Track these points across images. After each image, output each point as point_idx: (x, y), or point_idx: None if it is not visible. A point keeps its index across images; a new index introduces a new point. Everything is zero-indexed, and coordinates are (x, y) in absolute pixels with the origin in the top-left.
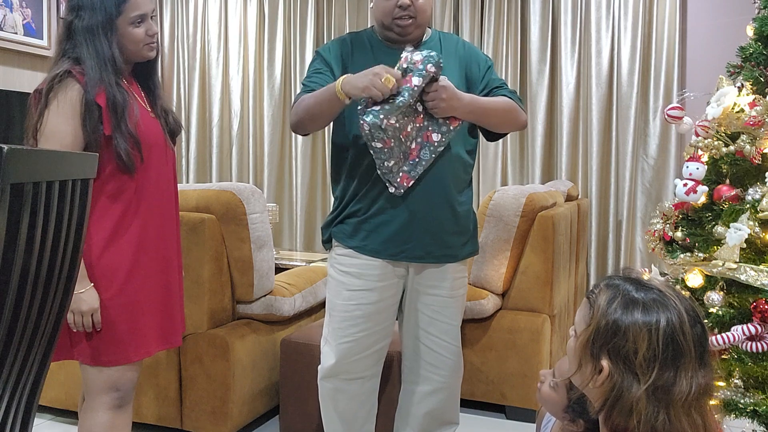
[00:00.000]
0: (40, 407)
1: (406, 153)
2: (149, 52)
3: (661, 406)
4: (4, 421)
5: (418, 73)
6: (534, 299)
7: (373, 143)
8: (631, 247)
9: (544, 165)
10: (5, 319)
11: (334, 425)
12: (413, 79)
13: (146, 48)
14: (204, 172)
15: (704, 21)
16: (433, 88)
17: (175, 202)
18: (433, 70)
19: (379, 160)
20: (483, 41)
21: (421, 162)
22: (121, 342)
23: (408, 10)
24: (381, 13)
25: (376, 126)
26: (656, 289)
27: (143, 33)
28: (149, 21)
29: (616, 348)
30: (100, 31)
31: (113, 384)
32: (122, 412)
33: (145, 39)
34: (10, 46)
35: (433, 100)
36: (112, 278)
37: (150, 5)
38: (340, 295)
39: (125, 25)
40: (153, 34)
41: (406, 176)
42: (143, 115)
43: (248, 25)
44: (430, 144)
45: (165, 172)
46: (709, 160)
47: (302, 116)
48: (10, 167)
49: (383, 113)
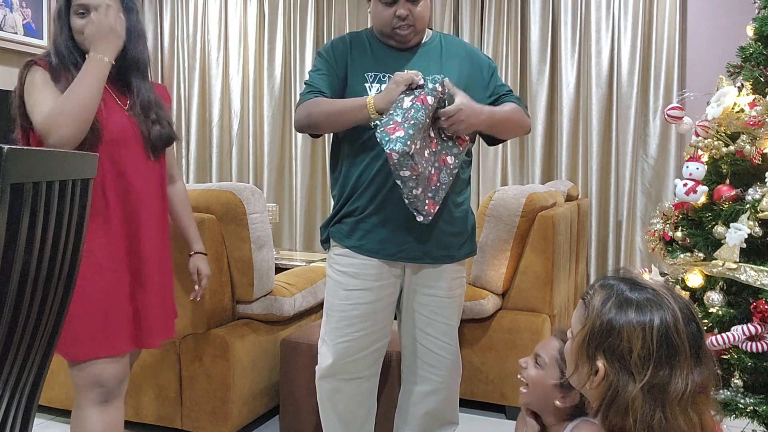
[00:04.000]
0: (40, 407)
1: (428, 179)
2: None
3: (657, 405)
4: (4, 421)
5: (430, 93)
6: (534, 299)
7: (401, 172)
8: (631, 247)
9: (544, 165)
10: (5, 319)
11: (333, 426)
12: (427, 98)
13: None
14: (204, 172)
15: (704, 21)
16: (450, 111)
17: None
18: (440, 88)
19: (407, 189)
20: (483, 41)
21: (441, 186)
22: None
23: (407, 20)
24: (380, 22)
25: (405, 153)
26: (650, 288)
27: (84, 24)
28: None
29: (611, 348)
30: (56, 20)
31: (95, 380)
32: (109, 408)
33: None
34: (10, 46)
35: (452, 123)
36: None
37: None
38: (338, 295)
39: (72, 14)
40: None
41: (431, 202)
42: (112, 108)
43: (248, 25)
44: (446, 167)
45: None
46: (709, 160)
47: (318, 119)
48: (10, 167)
49: (408, 138)
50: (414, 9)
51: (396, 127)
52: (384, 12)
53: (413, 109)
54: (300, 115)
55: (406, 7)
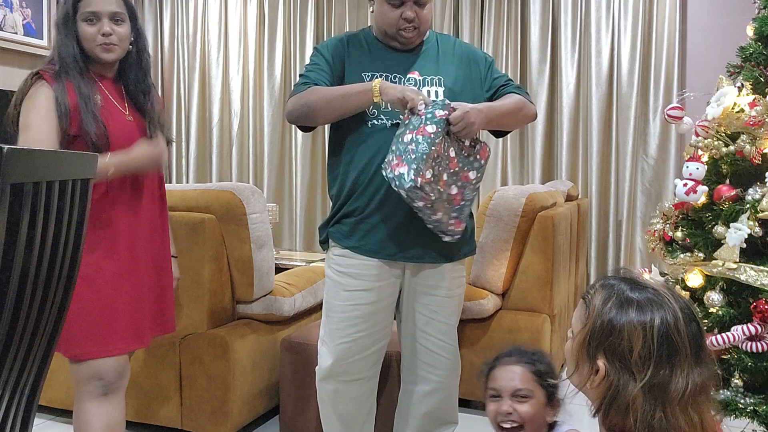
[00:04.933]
0: (40, 407)
1: (450, 200)
2: (103, 53)
3: (658, 404)
4: (4, 421)
5: (430, 121)
6: (534, 299)
7: (415, 204)
8: (631, 247)
9: (544, 165)
10: (5, 319)
11: (333, 426)
12: (427, 128)
13: (99, 48)
14: (204, 172)
15: (704, 21)
16: (458, 117)
17: (161, 206)
18: (442, 113)
19: (425, 216)
20: (483, 41)
21: (466, 204)
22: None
23: (413, 22)
24: (385, 23)
25: (412, 189)
26: (651, 288)
27: (95, 32)
28: (103, 21)
29: (611, 347)
30: (62, 26)
31: (95, 373)
32: (109, 401)
33: (98, 39)
34: (10, 46)
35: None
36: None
37: (105, 6)
38: (338, 296)
39: (80, 21)
40: (105, 34)
41: (457, 221)
42: (116, 114)
43: (248, 25)
44: (468, 183)
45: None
46: (709, 160)
47: (318, 106)
48: (10, 167)
49: (413, 172)
50: (421, 12)
51: (399, 163)
52: (390, 13)
53: (414, 143)
54: (295, 104)
55: (413, 10)
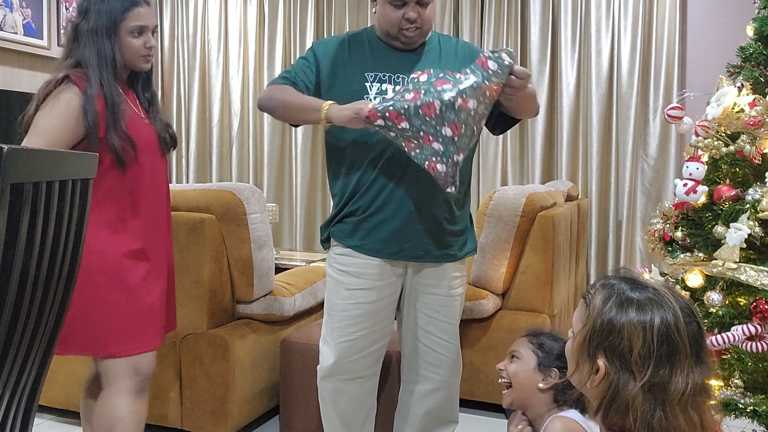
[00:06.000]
0: (40, 407)
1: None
2: (144, 64)
3: (658, 404)
4: (4, 421)
5: (494, 60)
6: (534, 299)
7: (443, 129)
8: (631, 247)
9: (544, 165)
10: (5, 319)
11: (334, 426)
12: (489, 62)
13: (142, 59)
14: (204, 172)
15: (704, 21)
16: (522, 74)
17: (167, 208)
18: (509, 61)
19: (448, 153)
20: (483, 41)
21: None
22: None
23: (415, 23)
24: (387, 23)
25: (449, 104)
26: (651, 287)
27: (141, 44)
28: (149, 34)
29: (611, 346)
30: (103, 33)
31: (134, 368)
32: (141, 398)
33: (142, 50)
34: (10, 46)
35: (519, 86)
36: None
37: (152, 20)
38: (339, 295)
39: (125, 32)
40: (150, 47)
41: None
42: (136, 119)
43: (248, 25)
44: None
45: (158, 177)
46: (709, 160)
47: (276, 106)
48: (10, 167)
49: (458, 92)
50: (423, 12)
51: (444, 82)
52: (392, 13)
53: (470, 70)
54: (264, 95)
55: (416, 10)
